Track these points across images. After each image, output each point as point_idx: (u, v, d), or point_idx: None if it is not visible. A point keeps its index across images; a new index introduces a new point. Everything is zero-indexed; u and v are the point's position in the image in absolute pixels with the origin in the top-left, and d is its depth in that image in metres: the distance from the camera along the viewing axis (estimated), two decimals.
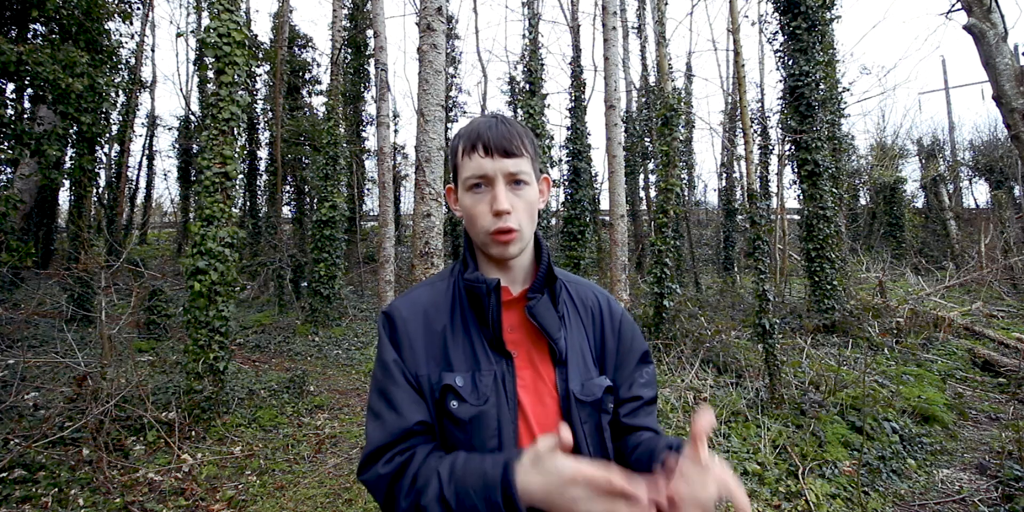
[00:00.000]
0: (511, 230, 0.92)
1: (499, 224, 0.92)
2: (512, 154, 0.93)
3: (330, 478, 3.91)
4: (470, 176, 0.94)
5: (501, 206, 0.91)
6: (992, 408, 5.34)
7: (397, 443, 0.86)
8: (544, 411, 0.92)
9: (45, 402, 4.61)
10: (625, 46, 16.83)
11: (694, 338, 6.35)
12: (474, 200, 0.94)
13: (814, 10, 8.32)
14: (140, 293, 6.72)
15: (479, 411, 0.88)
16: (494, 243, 0.94)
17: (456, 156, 0.98)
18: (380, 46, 7.47)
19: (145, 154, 19.15)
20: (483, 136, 0.93)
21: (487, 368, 0.92)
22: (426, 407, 0.90)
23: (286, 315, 9.93)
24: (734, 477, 0.71)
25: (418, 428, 0.88)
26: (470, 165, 0.94)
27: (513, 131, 0.95)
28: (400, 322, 0.96)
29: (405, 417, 0.88)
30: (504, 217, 0.92)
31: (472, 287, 0.95)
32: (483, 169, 0.92)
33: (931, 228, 17.51)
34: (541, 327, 0.94)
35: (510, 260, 0.98)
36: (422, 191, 3.46)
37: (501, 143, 0.92)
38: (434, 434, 0.91)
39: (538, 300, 0.96)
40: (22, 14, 6.01)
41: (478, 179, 0.93)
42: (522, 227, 0.94)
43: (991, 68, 3.57)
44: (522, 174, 0.94)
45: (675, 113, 7.16)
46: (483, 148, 0.92)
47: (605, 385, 0.97)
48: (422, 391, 0.91)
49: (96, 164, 8.52)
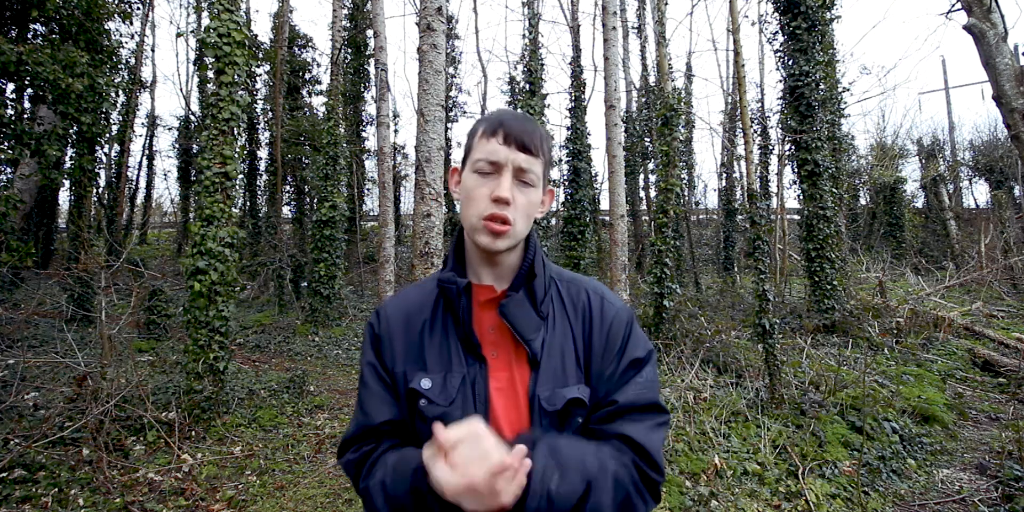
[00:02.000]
0: (505, 220, 0.90)
1: (494, 210, 0.90)
2: (528, 150, 0.92)
3: (330, 478, 3.91)
4: (481, 158, 0.93)
5: (503, 193, 0.90)
6: (992, 408, 5.34)
7: (361, 438, 0.96)
8: (517, 414, 0.91)
9: (45, 402, 4.61)
10: (625, 46, 16.83)
11: (694, 338, 6.35)
12: (477, 183, 0.93)
13: (814, 10, 8.32)
14: (140, 293, 6.72)
15: (443, 412, 0.90)
16: (484, 231, 0.91)
17: (472, 138, 0.97)
18: (380, 46, 7.46)
19: (145, 154, 19.17)
20: (506, 124, 0.92)
21: (458, 370, 0.92)
22: (397, 406, 0.96)
23: (286, 315, 9.93)
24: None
25: (384, 427, 0.95)
26: (485, 148, 0.93)
27: (536, 130, 0.94)
28: (384, 321, 1.00)
29: (371, 417, 0.96)
30: (501, 206, 0.90)
31: (443, 287, 0.95)
32: (496, 155, 0.92)
33: (931, 228, 17.51)
34: (512, 327, 0.92)
35: (496, 255, 0.95)
36: (422, 191, 3.46)
37: (521, 136, 0.92)
38: (404, 429, 0.96)
39: (512, 298, 0.94)
40: (22, 14, 6.00)
41: (488, 164, 0.92)
42: (516, 224, 0.92)
43: (991, 68, 3.57)
44: (532, 173, 0.93)
45: (675, 113, 7.16)
46: (503, 135, 0.92)
47: (571, 396, 0.90)
48: (397, 388, 0.96)
49: (96, 164, 8.52)
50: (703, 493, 3.41)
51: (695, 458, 3.85)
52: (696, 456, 3.88)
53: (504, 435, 0.88)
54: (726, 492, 3.50)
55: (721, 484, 3.59)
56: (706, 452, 3.95)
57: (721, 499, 3.41)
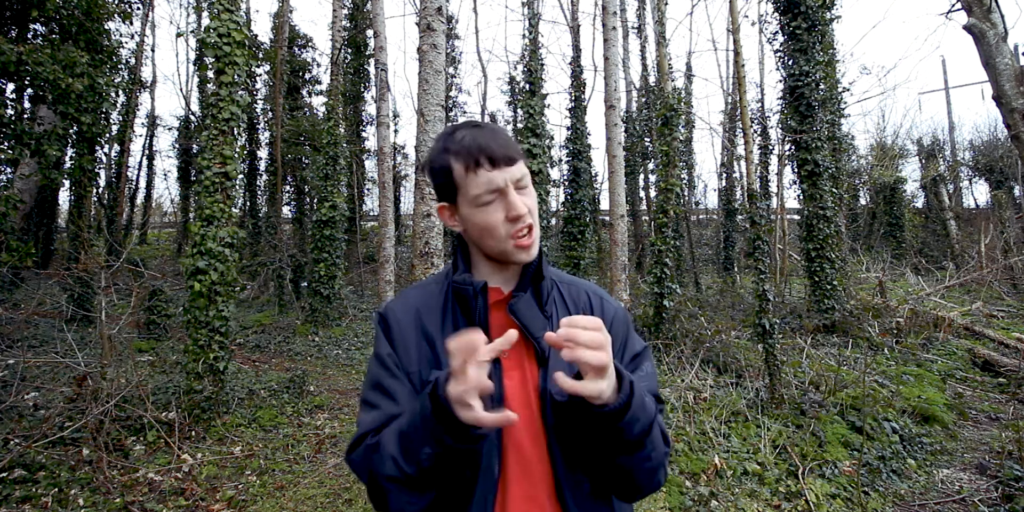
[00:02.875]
0: (531, 228, 0.93)
1: (519, 226, 0.92)
2: (515, 160, 0.93)
3: (330, 478, 3.91)
4: (482, 192, 0.91)
5: (521, 210, 0.91)
6: (992, 408, 5.34)
7: (384, 429, 0.90)
8: (529, 411, 0.92)
9: (45, 402, 4.61)
10: (625, 46, 16.83)
11: (694, 338, 6.35)
12: (487, 213, 0.92)
13: (814, 10, 8.32)
14: (140, 293, 6.72)
15: None
16: (517, 250, 0.93)
17: (451, 176, 0.93)
18: (380, 46, 7.47)
19: (145, 154, 19.17)
20: (486, 149, 0.90)
21: None
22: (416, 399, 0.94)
23: (286, 315, 9.93)
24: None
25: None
26: (478, 181, 0.91)
27: (505, 136, 0.95)
28: (395, 322, 0.98)
29: (399, 403, 0.91)
30: (523, 219, 0.92)
31: (459, 289, 0.96)
32: (495, 183, 0.91)
33: (931, 228, 17.51)
34: (522, 325, 0.93)
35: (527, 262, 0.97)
36: (422, 191, 3.46)
37: (505, 152, 0.92)
38: None
39: (520, 298, 0.96)
40: (22, 14, 6.00)
41: (491, 193, 0.91)
42: (535, 227, 0.95)
43: (991, 68, 3.57)
44: (525, 178, 0.95)
45: (675, 113, 7.16)
46: (489, 161, 0.90)
47: None
48: (414, 386, 0.94)
49: (96, 164, 8.53)
50: (703, 493, 3.41)
51: (695, 458, 3.85)
52: (696, 456, 3.88)
53: (517, 430, 0.90)
54: (726, 492, 3.50)
55: (721, 484, 3.59)
56: (706, 452, 3.96)
57: (721, 499, 3.41)
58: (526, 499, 0.88)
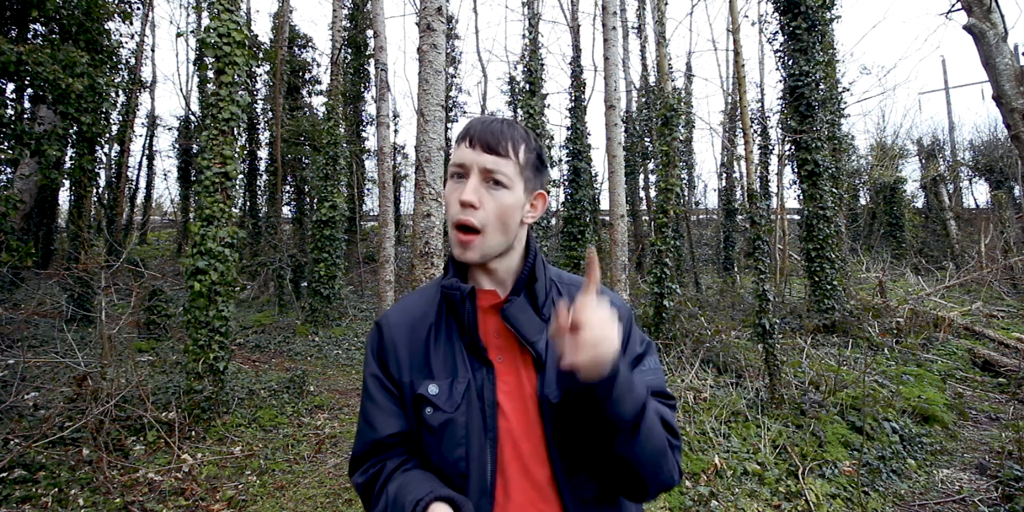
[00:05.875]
0: (471, 227, 0.90)
1: (460, 216, 0.91)
2: (495, 151, 0.92)
3: (330, 478, 3.91)
4: (452, 163, 0.96)
5: (465, 196, 0.90)
6: (992, 408, 5.34)
7: (370, 455, 0.95)
8: (526, 417, 0.91)
9: (45, 402, 4.60)
10: (625, 46, 16.83)
11: (694, 338, 6.34)
12: (451, 188, 0.95)
13: (814, 10, 8.32)
14: (140, 293, 6.72)
15: (448, 418, 0.90)
16: (455, 242, 0.93)
17: (453, 146, 1.00)
18: (380, 46, 7.46)
19: (145, 154, 19.15)
20: (472, 128, 0.94)
21: (463, 376, 0.92)
22: (404, 418, 0.95)
23: (286, 315, 9.93)
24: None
25: (390, 440, 0.94)
26: (456, 153, 0.95)
27: (508, 133, 0.94)
28: (387, 331, 0.99)
29: (377, 430, 0.94)
30: (467, 210, 0.91)
31: (448, 294, 0.95)
32: (463, 159, 0.93)
33: (931, 228, 17.51)
34: (516, 331, 0.92)
35: (479, 265, 0.97)
36: (422, 191, 3.46)
37: (486, 138, 0.92)
38: (412, 440, 0.94)
39: (513, 302, 0.94)
40: (22, 14, 6.00)
41: (457, 167, 0.94)
42: (487, 228, 0.91)
43: (991, 68, 3.57)
44: (499, 174, 0.92)
45: (675, 113, 7.16)
46: (469, 139, 0.93)
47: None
48: (404, 398, 0.95)
49: (96, 164, 8.53)
50: (703, 493, 3.41)
51: (695, 458, 3.85)
52: (696, 456, 3.88)
53: (515, 437, 0.89)
54: (726, 492, 3.50)
55: (721, 484, 3.59)
56: (706, 452, 3.95)
57: (721, 499, 3.41)
58: (527, 505, 0.88)
